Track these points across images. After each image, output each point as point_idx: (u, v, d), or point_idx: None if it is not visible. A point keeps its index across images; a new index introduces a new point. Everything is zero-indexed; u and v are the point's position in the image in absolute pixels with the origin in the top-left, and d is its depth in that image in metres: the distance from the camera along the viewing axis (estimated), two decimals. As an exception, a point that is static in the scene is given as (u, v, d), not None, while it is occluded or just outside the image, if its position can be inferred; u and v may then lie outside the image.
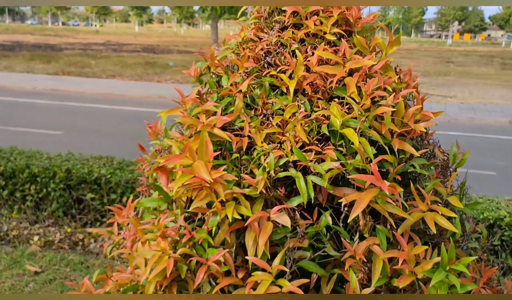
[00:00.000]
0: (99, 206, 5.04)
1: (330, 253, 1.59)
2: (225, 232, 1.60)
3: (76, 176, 5.00)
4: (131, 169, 5.08)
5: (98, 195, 5.01)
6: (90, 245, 4.82)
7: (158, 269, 1.58)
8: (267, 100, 1.74)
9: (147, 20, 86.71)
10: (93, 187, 5.01)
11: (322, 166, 1.55)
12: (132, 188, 4.90)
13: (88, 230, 4.98)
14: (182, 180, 1.57)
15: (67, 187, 5.07)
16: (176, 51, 33.36)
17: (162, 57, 28.78)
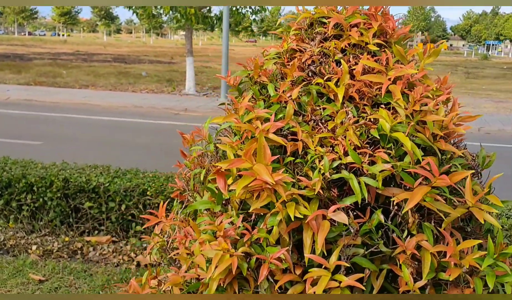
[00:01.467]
0: (97, 214, 5.05)
1: (382, 249, 1.70)
2: (284, 231, 1.69)
3: (74, 185, 5.01)
4: (128, 177, 5.11)
5: (96, 204, 5.02)
6: (89, 254, 4.82)
7: (222, 267, 1.66)
8: (315, 107, 1.85)
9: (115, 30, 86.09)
10: (91, 195, 5.02)
11: (375, 167, 1.67)
12: (131, 196, 4.93)
13: (87, 238, 4.99)
14: (244, 182, 1.66)
15: (64, 196, 5.07)
16: (147, 61, 33.24)
17: (134, 67, 28.65)
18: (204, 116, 15.21)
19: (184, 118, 14.64)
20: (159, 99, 17.80)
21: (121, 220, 5.03)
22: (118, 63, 30.86)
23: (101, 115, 14.62)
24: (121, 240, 5.04)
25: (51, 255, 4.74)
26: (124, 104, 16.71)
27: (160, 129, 12.85)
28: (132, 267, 4.55)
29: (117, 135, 11.65)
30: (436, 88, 1.91)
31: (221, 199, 1.87)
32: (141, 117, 14.57)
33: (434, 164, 1.64)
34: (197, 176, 2.13)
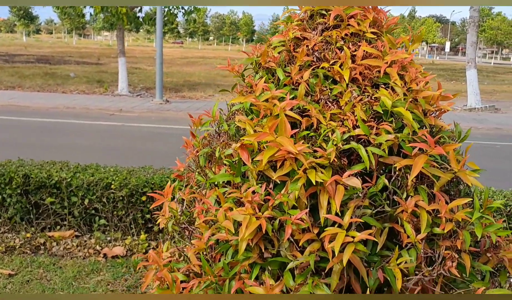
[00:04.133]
0: (59, 210, 5.05)
1: (386, 209, 1.97)
2: (303, 196, 1.92)
3: (35, 181, 4.98)
4: (90, 172, 5.14)
5: (58, 199, 5.03)
6: (53, 249, 4.82)
7: (250, 228, 1.86)
8: (322, 88, 2.09)
9: (35, 31, 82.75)
10: (52, 191, 5.02)
11: (381, 138, 1.93)
12: (94, 190, 4.97)
13: (50, 234, 4.98)
14: (270, 152, 1.88)
15: (24, 192, 5.03)
16: (73, 62, 32.34)
17: (60, 68, 27.82)
18: (140, 116, 15.17)
19: (120, 118, 14.50)
20: (91, 100, 17.47)
21: (84, 214, 5.06)
22: (42, 64, 29.81)
23: (31, 116, 14.19)
24: (84, 234, 5.07)
25: (14, 252, 4.70)
26: (55, 105, 16.28)
27: (97, 129, 12.67)
28: (100, 259, 4.61)
29: (52, 137, 11.39)
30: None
31: (240, 171, 2.07)
32: (75, 118, 14.27)
33: (429, 136, 1.93)
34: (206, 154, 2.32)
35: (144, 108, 16.37)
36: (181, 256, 2.32)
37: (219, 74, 28.61)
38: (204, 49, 66.17)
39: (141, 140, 11.60)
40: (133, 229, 5.03)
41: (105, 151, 9.48)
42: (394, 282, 1.95)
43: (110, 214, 5.03)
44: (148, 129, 13.06)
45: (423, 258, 1.97)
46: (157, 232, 5.02)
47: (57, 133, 11.79)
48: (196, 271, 2.18)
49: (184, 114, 15.60)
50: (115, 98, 18.10)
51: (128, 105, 16.78)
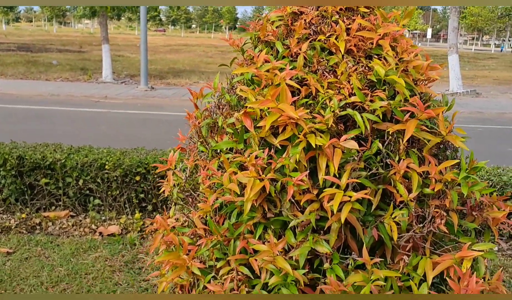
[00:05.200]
0: (53, 190, 5.13)
1: (380, 171, 2.11)
2: (303, 159, 2.05)
3: (29, 162, 5.05)
4: (84, 153, 5.22)
5: (53, 180, 5.10)
6: (48, 228, 4.91)
7: (255, 189, 1.99)
8: (319, 59, 2.22)
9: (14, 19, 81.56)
10: (46, 172, 5.09)
11: (376, 104, 2.07)
12: (88, 170, 5.06)
13: (45, 214, 5.06)
14: (272, 118, 2.00)
15: (19, 173, 5.10)
16: (55, 50, 32.03)
17: (42, 56, 27.57)
18: (126, 103, 15.16)
19: (105, 105, 14.49)
20: (76, 87, 17.40)
21: (79, 194, 5.15)
22: (23, 52, 29.50)
23: (15, 103, 14.12)
24: (79, 214, 5.16)
25: (10, 231, 4.77)
26: (39, 93, 16.20)
27: (83, 116, 12.67)
28: (97, 237, 4.71)
29: (38, 124, 11.38)
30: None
31: (243, 138, 2.19)
32: (60, 105, 14.24)
33: (420, 101, 2.07)
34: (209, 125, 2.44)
35: (130, 95, 16.36)
36: (186, 222, 2.45)
37: (203, 62, 28.59)
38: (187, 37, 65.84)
39: (127, 126, 11.65)
40: (127, 208, 5.14)
41: (92, 137, 9.52)
42: (387, 239, 2.10)
43: (105, 194, 5.12)
44: (134, 115, 13.08)
45: (414, 216, 2.12)
46: (151, 211, 5.13)
47: (43, 120, 11.77)
48: (201, 234, 2.31)
49: (170, 101, 15.66)
50: (99, 85, 18.04)
51: (113, 92, 16.76)
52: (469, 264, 2.00)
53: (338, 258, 2.03)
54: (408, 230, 2.13)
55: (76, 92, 16.42)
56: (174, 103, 15.38)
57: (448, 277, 2.05)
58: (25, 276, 3.91)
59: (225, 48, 41.92)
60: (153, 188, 5.07)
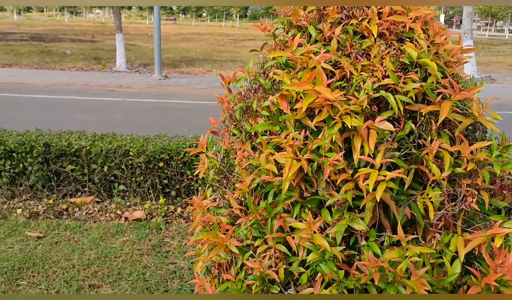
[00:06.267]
0: (79, 177, 5.24)
1: (413, 151, 2.17)
2: (339, 140, 2.11)
3: (56, 149, 5.16)
4: (108, 140, 5.32)
5: (78, 166, 5.21)
6: (75, 214, 5.02)
7: (293, 170, 2.06)
8: (352, 43, 2.27)
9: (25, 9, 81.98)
10: (72, 159, 5.20)
11: (409, 86, 2.12)
12: (113, 157, 5.16)
13: (71, 200, 5.18)
14: (309, 100, 2.07)
15: (45, 160, 5.21)
16: (68, 40, 32.21)
17: (55, 46, 27.75)
18: (140, 91, 15.28)
19: (120, 94, 14.63)
20: (90, 77, 17.55)
21: (104, 181, 5.26)
22: (36, 42, 29.71)
23: (31, 93, 14.30)
24: (105, 200, 5.27)
25: (38, 217, 4.90)
26: (55, 82, 16.38)
27: (99, 105, 12.81)
28: (123, 222, 4.82)
29: (55, 113, 11.51)
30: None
31: (279, 120, 2.26)
32: (76, 94, 14.40)
33: (454, 82, 2.12)
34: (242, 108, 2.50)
35: (144, 83, 16.49)
36: (221, 203, 2.52)
37: (215, 50, 28.62)
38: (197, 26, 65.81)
39: (143, 114, 11.76)
40: (151, 194, 5.24)
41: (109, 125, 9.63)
42: (420, 217, 2.16)
43: (129, 180, 5.23)
44: (149, 104, 13.19)
45: (446, 195, 2.18)
46: (175, 196, 5.22)
47: (60, 109, 11.92)
48: (237, 214, 2.38)
49: (184, 89, 15.75)
50: (113, 75, 18.19)
51: (127, 81, 16.90)
52: (500, 241, 2.06)
53: (375, 235, 2.10)
54: (439, 208, 2.19)
55: (91, 81, 16.58)
56: (188, 91, 15.48)
57: (480, 254, 2.11)
58: (56, 259, 4.03)
59: (236, 36, 41.91)
60: (177, 174, 5.16)
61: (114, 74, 18.41)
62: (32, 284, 3.66)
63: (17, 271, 3.83)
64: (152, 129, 7.03)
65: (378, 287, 2.02)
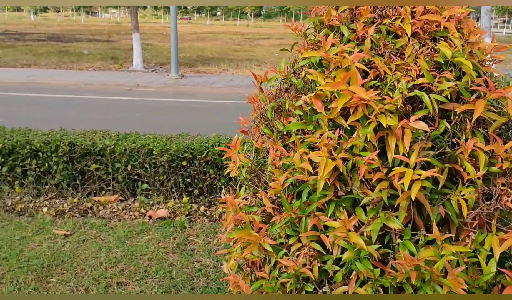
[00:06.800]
0: (103, 175, 5.29)
1: (447, 150, 2.17)
2: (373, 139, 2.12)
3: (80, 149, 5.22)
4: (131, 139, 5.37)
5: (103, 165, 5.27)
6: (100, 212, 5.08)
7: (328, 168, 2.07)
8: (385, 42, 2.28)
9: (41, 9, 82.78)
10: (96, 158, 5.26)
11: (444, 85, 2.12)
12: (136, 156, 5.21)
13: (96, 198, 5.23)
14: (344, 100, 2.08)
15: (70, 159, 5.27)
16: (85, 40, 32.46)
17: (72, 46, 27.99)
18: (158, 91, 15.37)
19: (138, 93, 14.73)
20: (108, 76, 17.69)
21: (128, 179, 5.31)
22: (54, 42, 30.00)
23: (51, 93, 14.45)
24: (128, 199, 5.32)
25: (64, 215, 4.96)
26: (73, 82, 16.53)
27: (117, 104, 12.90)
28: (147, 221, 4.86)
29: (75, 112, 11.62)
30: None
31: (312, 119, 2.27)
32: (94, 94, 14.52)
33: (490, 81, 2.12)
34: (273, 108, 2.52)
35: (161, 83, 16.57)
36: (253, 202, 2.54)
37: (231, 49, 28.66)
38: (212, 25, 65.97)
39: (161, 113, 11.83)
40: (174, 193, 5.28)
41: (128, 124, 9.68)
42: (454, 216, 2.16)
43: (152, 179, 5.27)
44: (167, 103, 13.27)
45: (481, 194, 2.18)
46: (198, 195, 5.26)
47: (79, 109, 12.03)
48: (269, 213, 2.40)
49: (201, 88, 15.80)
50: (130, 74, 18.30)
51: (144, 80, 16.99)
52: (536, 240, 2.06)
53: (410, 233, 2.11)
54: (474, 207, 2.19)
55: (108, 81, 16.70)
56: (205, 90, 15.53)
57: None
58: (84, 257, 4.08)
59: (251, 35, 41.93)
60: (199, 173, 5.20)
61: (131, 73, 18.53)
62: (62, 282, 3.71)
63: (46, 268, 3.88)
64: (171, 128, 7.09)
65: (414, 285, 2.03)
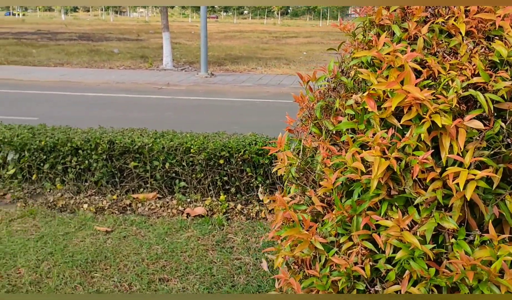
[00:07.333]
0: (142, 173, 5.37)
1: (502, 150, 2.15)
2: (427, 139, 2.12)
3: (120, 146, 5.31)
4: (169, 137, 5.44)
5: (141, 163, 5.35)
6: (138, 209, 5.15)
7: (382, 168, 2.08)
8: (438, 41, 2.27)
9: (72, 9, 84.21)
10: (135, 156, 5.34)
11: (500, 84, 2.10)
12: (174, 154, 5.27)
13: (134, 195, 5.32)
14: (398, 99, 2.08)
15: (109, 157, 5.37)
16: (115, 39, 32.88)
17: (103, 45, 28.39)
18: (188, 89, 15.49)
19: (168, 92, 14.86)
20: (138, 75, 17.90)
21: (165, 177, 5.37)
22: (85, 41, 30.46)
23: (84, 91, 14.68)
24: (166, 196, 5.39)
25: (104, 212, 5.05)
26: (104, 81, 16.76)
27: (148, 103, 13.05)
28: (185, 218, 4.92)
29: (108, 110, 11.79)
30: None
31: (363, 119, 2.28)
32: (125, 92, 14.71)
33: (546, 79, 2.10)
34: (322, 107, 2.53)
35: (191, 81, 16.70)
36: (301, 200, 2.56)
37: (259, 48, 28.70)
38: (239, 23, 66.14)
39: (192, 112, 11.92)
40: (211, 191, 5.32)
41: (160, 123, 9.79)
42: (509, 216, 2.14)
43: (189, 177, 5.33)
44: (197, 101, 13.37)
45: (536, 195, 2.15)
46: (234, 193, 5.30)
47: (112, 107, 12.20)
48: (318, 211, 2.42)
49: (231, 87, 15.87)
50: (160, 73, 18.48)
51: (174, 79, 17.14)
52: None
53: (464, 233, 2.10)
54: (529, 208, 2.17)
55: (139, 79, 16.90)
56: (235, 89, 15.60)
57: None
58: (126, 253, 4.15)
59: (279, 34, 41.90)
60: (236, 171, 5.23)
61: (161, 72, 18.71)
62: (106, 277, 3.79)
63: (90, 263, 3.97)
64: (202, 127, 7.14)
65: (469, 285, 2.02)
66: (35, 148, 5.44)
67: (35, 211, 4.95)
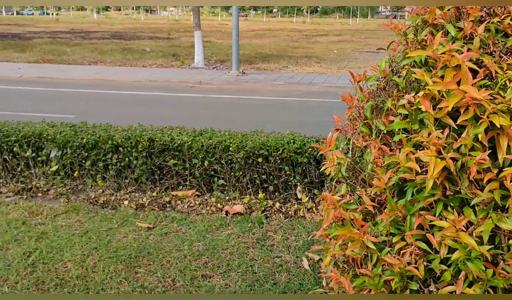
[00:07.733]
0: (181, 171, 5.44)
1: (560, 150, 2.12)
2: (484, 139, 2.10)
3: (159, 144, 5.38)
4: (207, 136, 5.49)
5: (180, 161, 5.41)
6: (177, 206, 5.21)
7: (438, 168, 2.07)
8: (495, 41, 2.25)
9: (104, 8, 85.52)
10: (174, 153, 5.40)
11: (559, 84, 2.08)
12: (213, 152, 5.31)
13: (174, 193, 5.38)
14: (455, 99, 2.07)
15: (149, 154, 5.45)
16: (146, 37, 33.26)
17: (135, 43, 28.74)
18: (220, 87, 15.55)
19: (201, 90, 14.95)
20: (171, 73, 18.05)
21: (204, 175, 5.43)
22: (117, 40, 30.88)
23: (118, 89, 14.88)
24: (205, 194, 5.44)
25: (144, 208, 5.13)
26: (137, 79, 16.95)
27: (181, 101, 13.14)
28: (224, 216, 4.96)
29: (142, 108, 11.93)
30: None
31: (417, 118, 2.27)
32: (159, 90, 14.85)
33: None
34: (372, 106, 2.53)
35: (222, 80, 16.77)
36: (351, 199, 2.56)
37: (289, 46, 28.66)
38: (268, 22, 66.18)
39: (225, 110, 11.98)
40: (249, 189, 5.35)
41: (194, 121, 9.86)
42: None
43: (228, 175, 5.37)
44: (229, 100, 13.42)
45: None
46: (273, 191, 5.32)
47: (147, 105, 12.34)
48: (368, 211, 2.42)
49: (262, 85, 15.89)
50: (192, 71, 18.61)
51: (206, 77, 17.24)
52: None
53: (523, 235, 2.08)
54: None
55: (171, 78, 17.04)
56: (266, 87, 15.61)
57: None
58: (168, 249, 4.21)
59: (308, 32, 41.78)
60: (275, 170, 5.25)
61: (192, 70, 18.84)
62: (149, 272, 3.85)
63: (134, 259, 4.04)
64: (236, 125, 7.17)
65: (527, 287, 2.00)
66: (77, 145, 5.55)
67: (78, 207, 5.06)
